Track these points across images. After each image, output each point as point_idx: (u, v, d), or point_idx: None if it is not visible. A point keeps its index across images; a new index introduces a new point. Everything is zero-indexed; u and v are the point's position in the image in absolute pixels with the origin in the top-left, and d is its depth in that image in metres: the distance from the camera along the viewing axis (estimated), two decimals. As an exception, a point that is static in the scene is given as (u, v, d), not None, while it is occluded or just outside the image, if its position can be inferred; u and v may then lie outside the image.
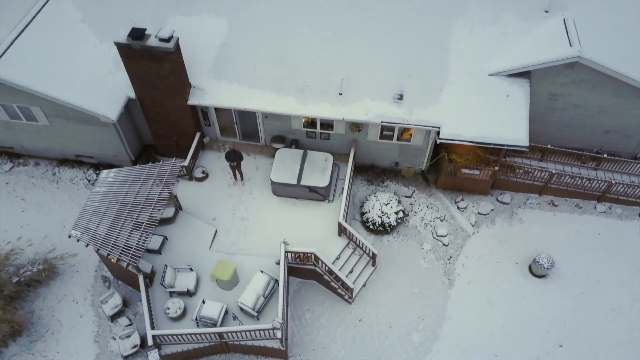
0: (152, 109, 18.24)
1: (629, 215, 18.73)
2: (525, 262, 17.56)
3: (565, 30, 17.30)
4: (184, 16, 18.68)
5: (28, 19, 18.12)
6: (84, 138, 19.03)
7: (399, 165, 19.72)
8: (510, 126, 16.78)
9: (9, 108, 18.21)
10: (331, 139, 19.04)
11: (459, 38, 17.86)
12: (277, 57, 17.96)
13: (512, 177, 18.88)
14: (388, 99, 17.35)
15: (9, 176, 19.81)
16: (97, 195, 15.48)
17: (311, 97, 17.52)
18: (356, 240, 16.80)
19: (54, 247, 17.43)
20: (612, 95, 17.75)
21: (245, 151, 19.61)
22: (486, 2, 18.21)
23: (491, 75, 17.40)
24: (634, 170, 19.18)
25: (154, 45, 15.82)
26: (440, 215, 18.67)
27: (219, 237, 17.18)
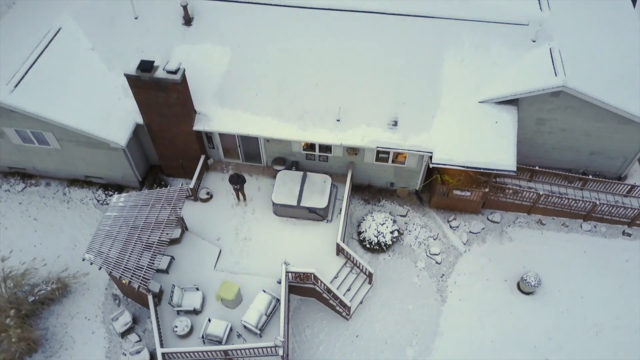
0: (159, 134, 19.19)
1: (613, 234, 19.68)
2: (514, 280, 18.50)
3: (551, 59, 18.29)
4: (190, 45, 19.60)
5: (41, 47, 19.06)
6: (93, 161, 19.95)
7: (394, 186, 20.67)
8: (499, 151, 17.72)
9: (22, 133, 19.13)
10: (329, 161, 19.99)
11: (450, 67, 18.81)
12: (277, 85, 18.91)
13: (502, 197, 19.83)
14: (383, 125, 18.29)
15: (21, 196, 20.73)
16: (108, 219, 16.41)
17: (310, 124, 18.46)
18: (353, 260, 17.73)
19: (66, 267, 18.36)
20: (596, 120, 18.71)
21: (248, 172, 20.54)
22: (476, 32, 19.16)
23: (481, 102, 18.35)
24: (617, 190, 20.13)
25: (162, 77, 16.77)
26: (434, 234, 19.61)
27: (223, 257, 18.11)
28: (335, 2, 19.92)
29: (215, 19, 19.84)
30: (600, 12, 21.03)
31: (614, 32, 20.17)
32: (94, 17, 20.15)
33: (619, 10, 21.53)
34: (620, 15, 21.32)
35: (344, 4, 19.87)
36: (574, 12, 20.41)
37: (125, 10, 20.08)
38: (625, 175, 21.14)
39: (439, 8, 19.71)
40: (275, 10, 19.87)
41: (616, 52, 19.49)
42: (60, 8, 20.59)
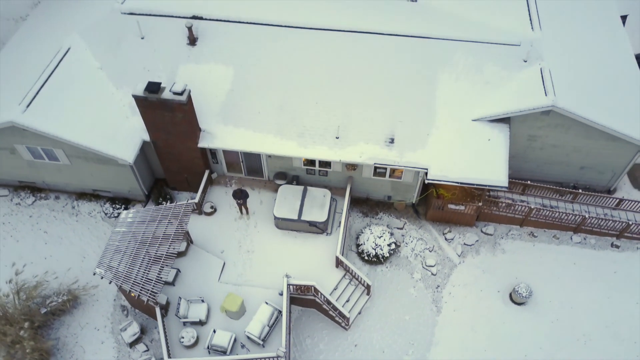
0: (165, 150, 19.94)
1: (601, 246, 20.44)
2: (506, 291, 19.25)
3: (542, 79, 19.05)
4: (194, 64, 20.34)
5: (52, 67, 19.77)
6: (101, 175, 20.68)
7: (392, 199, 21.43)
8: (492, 167, 18.48)
9: (33, 150, 19.87)
10: (329, 176, 20.74)
11: (445, 86, 19.56)
12: (279, 104, 19.66)
13: (495, 211, 20.58)
14: (380, 142, 19.05)
15: (32, 209, 21.47)
16: (117, 234, 17.15)
17: (310, 141, 19.22)
18: (352, 272, 18.48)
19: (76, 279, 19.09)
20: (585, 137, 19.47)
21: (250, 186, 21.30)
22: (470, 52, 19.90)
23: (474, 120, 19.11)
24: (606, 204, 20.89)
25: (168, 98, 17.54)
26: (429, 246, 20.36)
27: (227, 269, 18.86)
28: (334, 23, 20.65)
29: (219, 40, 20.58)
30: (590, 31, 21.87)
31: (603, 51, 20.99)
32: (101, 37, 20.86)
33: (609, 29, 22.39)
34: (610, 34, 22.16)
35: (342, 25, 20.60)
36: (565, 31, 21.21)
37: (131, 30, 20.79)
38: (615, 188, 21.91)
39: (434, 29, 20.46)
40: (276, 31, 20.61)
41: (605, 71, 20.30)
42: (69, 27, 21.33)
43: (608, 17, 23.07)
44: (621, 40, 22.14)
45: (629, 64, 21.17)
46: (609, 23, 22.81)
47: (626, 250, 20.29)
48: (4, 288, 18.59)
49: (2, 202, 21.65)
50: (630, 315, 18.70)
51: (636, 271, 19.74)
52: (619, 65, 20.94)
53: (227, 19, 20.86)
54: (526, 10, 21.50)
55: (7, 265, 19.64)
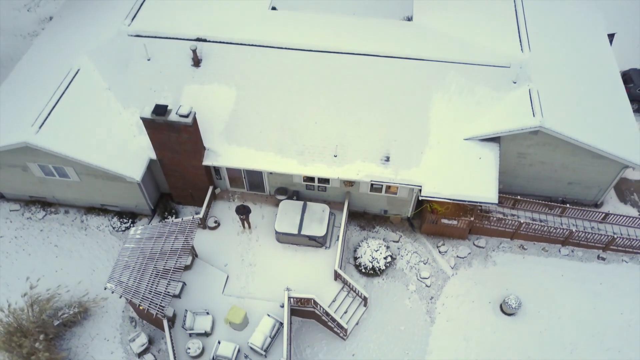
0: (171, 168, 20.84)
1: (588, 258, 21.37)
2: (497, 302, 20.16)
3: (530, 100, 19.98)
4: (198, 85, 21.26)
5: (62, 89, 20.68)
6: (109, 191, 21.58)
7: (388, 213, 22.35)
8: (482, 185, 19.40)
9: (45, 167, 20.77)
10: (327, 191, 21.65)
11: (438, 106, 20.49)
12: (280, 123, 20.58)
13: (487, 224, 21.49)
14: (376, 160, 19.97)
15: (42, 224, 22.36)
16: (127, 250, 18.05)
17: (310, 159, 20.14)
18: (350, 285, 19.39)
19: (87, 292, 20.00)
20: (572, 154, 20.41)
21: (252, 201, 22.21)
22: (462, 74, 20.82)
23: (466, 139, 20.04)
24: (593, 217, 21.82)
25: (175, 120, 18.45)
26: (424, 258, 21.28)
27: (230, 282, 19.75)
28: (334, 45, 21.60)
29: (222, 61, 21.49)
30: (577, 51, 22.81)
31: (590, 71, 21.95)
32: (109, 58, 21.77)
33: (596, 49, 23.33)
34: (597, 54, 23.11)
35: (341, 47, 21.53)
36: (553, 51, 22.14)
37: (138, 52, 21.71)
38: (602, 202, 22.85)
39: (428, 51, 21.41)
40: (277, 53, 21.53)
41: (591, 90, 21.26)
42: (77, 49, 22.22)
43: (595, 36, 24.02)
44: (607, 59, 23.08)
45: (615, 83, 22.12)
46: (596, 42, 23.76)
47: (612, 263, 21.22)
48: (19, 301, 19.49)
49: (14, 216, 22.54)
50: (615, 324, 19.62)
51: (621, 283, 20.66)
52: (605, 85, 21.88)
53: (230, 41, 21.81)
54: (516, 30, 22.47)
55: (21, 279, 20.56)
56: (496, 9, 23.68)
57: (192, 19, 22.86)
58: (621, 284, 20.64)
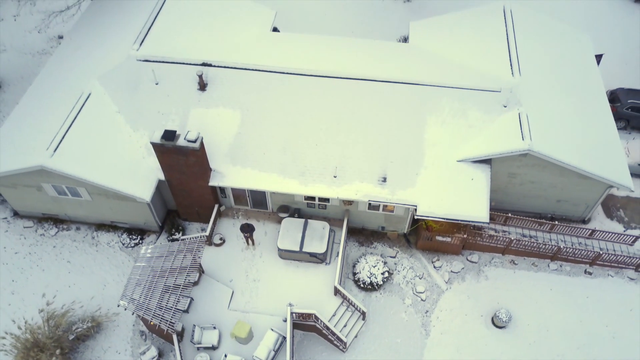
0: (179, 188, 21.89)
1: (576, 272, 22.44)
2: (488, 315, 21.22)
3: (520, 123, 21.05)
4: (204, 108, 22.30)
5: (75, 112, 21.67)
6: (119, 209, 22.60)
7: (385, 229, 23.40)
8: (474, 204, 20.47)
9: (58, 188, 21.79)
10: (327, 209, 22.71)
11: (432, 129, 21.56)
12: (282, 145, 21.63)
13: (479, 240, 22.55)
14: (374, 181, 21.04)
15: (55, 240, 23.38)
16: (138, 269, 19.10)
17: (310, 179, 21.20)
18: (349, 300, 20.43)
19: (99, 307, 21.03)
20: (559, 175, 21.47)
21: (255, 218, 23.25)
22: (455, 98, 21.88)
23: (459, 161, 21.10)
24: (580, 233, 22.89)
25: (183, 145, 19.50)
26: (419, 273, 22.33)
27: (235, 297, 20.79)
28: (333, 70, 22.63)
29: (227, 85, 22.53)
30: (566, 73, 23.92)
31: (577, 93, 23.04)
32: (119, 82, 22.76)
33: (584, 71, 24.43)
34: (585, 76, 24.20)
35: (341, 72, 22.56)
36: (543, 75, 23.21)
37: (147, 76, 22.74)
38: (589, 218, 23.93)
39: (423, 76, 22.46)
40: (279, 77, 22.57)
41: (578, 113, 22.35)
42: (88, 73, 23.23)
43: (583, 58, 25.11)
44: (595, 81, 24.16)
45: (602, 105, 23.21)
46: (584, 64, 24.84)
47: (598, 277, 22.29)
48: (34, 316, 20.51)
49: (27, 232, 23.57)
50: (600, 337, 20.69)
51: (606, 296, 21.74)
52: (592, 107, 22.97)
53: (234, 66, 22.85)
54: (507, 53, 23.50)
55: (35, 293, 21.58)
56: (488, 30, 24.77)
57: (198, 43, 23.93)
58: (607, 298, 21.70)
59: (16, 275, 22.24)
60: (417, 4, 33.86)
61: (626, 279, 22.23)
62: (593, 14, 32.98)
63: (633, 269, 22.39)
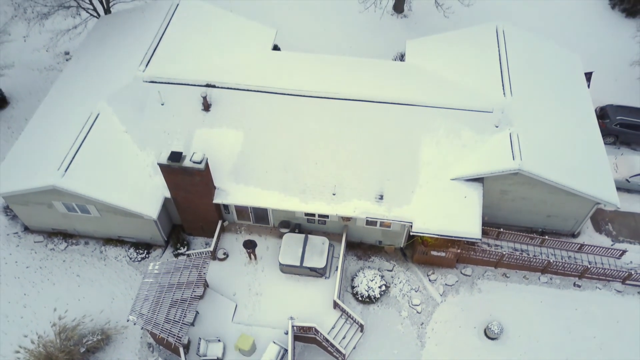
0: (184, 205, 22.80)
1: (565, 285, 23.37)
2: (481, 327, 22.14)
3: (510, 143, 21.98)
4: (208, 128, 23.21)
5: (84, 133, 22.59)
6: (127, 225, 23.49)
7: (382, 243, 24.33)
8: (467, 221, 21.40)
9: (68, 205, 22.69)
10: (327, 224, 23.63)
11: (427, 149, 22.48)
12: (283, 164, 22.55)
13: (473, 255, 23.48)
14: (371, 198, 21.96)
15: (65, 254, 24.28)
16: (146, 285, 20.00)
17: (311, 197, 22.12)
18: (348, 313, 21.35)
19: (108, 320, 21.93)
20: (549, 192, 22.40)
21: (257, 232, 24.17)
22: (449, 118, 22.82)
23: (453, 179, 22.03)
24: (570, 247, 23.83)
25: (189, 166, 20.41)
26: (415, 286, 23.25)
27: (239, 311, 21.71)
28: (333, 91, 23.54)
29: (231, 106, 23.44)
30: (556, 93, 24.84)
31: (566, 112, 23.95)
32: (126, 103, 23.68)
33: (573, 90, 25.36)
34: (574, 95, 25.13)
35: (340, 93, 23.47)
36: (533, 95, 24.10)
37: (153, 97, 23.65)
38: (579, 232, 24.86)
39: (419, 96, 23.38)
40: (281, 99, 23.49)
41: (567, 132, 23.28)
42: (95, 93, 24.13)
43: (573, 77, 26.04)
44: (584, 100, 25.08)
45: (590, 124, 24.14)
46: (574, 83, 25.76)
47: (586, 290, 23.22)
48: (47, 329, 21.40)
49: (38, 247, 24.46)
50: (588, 348, 21.62)
51: (594, 308, 22.67)
52: (581, 126, 23.89)
53: (237, 87, 23.78)
54: (499, 72, 24.43)
55: (47, 307, 22.48)
56: (482, 50, 25.69)
57: (202, 64, 24.84)
58: (594, 310, 22.63)
59: (28, 289, 23.15)
60: (414, 19, 34.79)
61: (613, 292, 23.16)
62: (585, 30, 33.95)
63: (620, 281, 23.32)
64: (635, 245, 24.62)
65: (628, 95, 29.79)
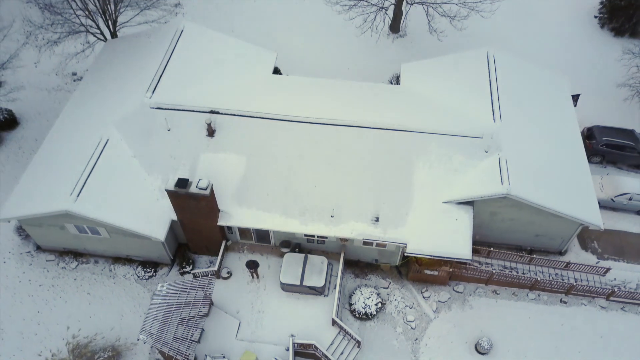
0: (190, 226, 23.99)
1: (552, 301, 24.57)
2: (472, 342, 23.34)
3: (499, 168, 23.18)
4: (213, 153, 24.39)
5: (95, 158, 23.73)
6: (135, 245, 24.66)
7: (378, 262, 25.52)
8: (458, 243, 22.60)
9: (80, 227, 23.86)
10: (326, 244, 24.81)
11: (420, 173, 23.68)
12: (284, 187, 23.74)
13: (464, 272, 24.67)
14: (367, 220, 23.16)
15: (76, 273, 25.45)
16: (155, 305, 21.18)
17: (310, 219, 23.31)
18: (345, 330, 22.54)
19: (119, 337, 23.10)
20: (536, 214, 23.59)
21: (259, 252, 25.35)
22: (441, 144, 24.01)
23: (445, 202, 23.23)
24: (557, 265, 25.03)
25: (195, 192, 21.59)
26: (410, 303, 24.44)
27: (242, 328, 22.89)
28: (332, 117, 24.71)
29: (234, 132, 24.63)
30: (543, 116, 26.06)
31: (554, 137, 25.17)
32: (134, 129, 24.83)
33: (560, 115, 26.55)
34: (561, 120, 26.32)
35: (338, 119, 24.66)
36: (522, 120, 25.29)
37: (159, 123, 24.84)
38: (566, 250, 26.07)
39: (412, 122, 24.58)
40: (281, 124, 24.69)
41: (554, 156, 24.48)
42: (103, 119, 25.25)
43: (560, 101, 27.28)
44: (570, 124, 26.31)
45: (576, 148, 25.37)
46: (561, 107, 27.00)
47: (572, 306, 24.42)
48: (60, 346, 22.55)
49: (50, 266, 25.63)
50: (573, 362, 22.90)
51: (580, 324, 23.87)
52: (567, 150, 25.10)
53: (240, 113, 24.98)
54: (489, 98, 25.62)
55: (59, 324, 23.65)
56: (473, 75, 26.90)
57: (206, 90, 26.04)
58: (580, 325, 23.83)
59: (41, 306, 24.31)
60: (409, 38, 36.00)
61: (598, 308, 24.36)
62: (575, 50, 35.16)
63: (604, 298, 24.53)
64: (620, 262, 25.84)
65: (614, 116, 31.00)
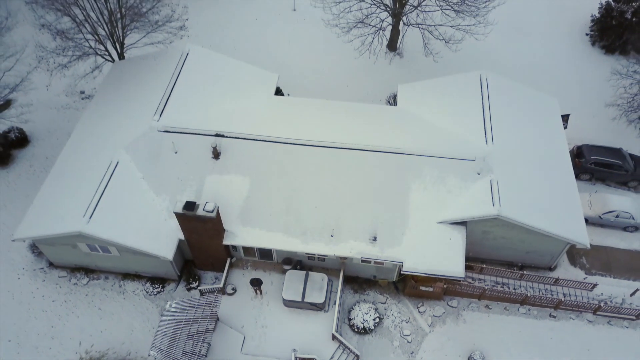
0: (197, 246, 25.18)
1: (542, 316, 25.77)
2: (465, 355, 24.52)
3: (491, 190, 24.38)
4: (218, 175, 25.57)
5: (106, 180, 24.91)
6: (143, 263, 25.83)
7: (376, 277, 26.71)
8: (452, 261, 23.78)
9: (91, 246, 25.04)
10: (326, 261, 25.99)
11: (416, 194, 24.87)
12: (286, 208, 24.93)
13: (458, 288, 25.86)
14: (365, 240, 24.35)
15: (87, 289, 26.63)
16: (164, 322, 22.38)
17: (311, 238, 24.50)
18: (345, 344, 23.72)
19: (129, 352, 24.29)
20: (526, 233, 24.78)
21: (262, 268, 26.54)
22: (435, 166, 25.21)
23: (439, 223, 24.42)
24: (546, 281, 26.23)
25: (202, 215, 22.78)
26: (406, 318, 25.63)
27: (247, 343, 24.07)
28: (330, 140, 25.93)
29: (238, 154, 25.81)
30: (534, 140, 27.20)
31: (544, 159, 26.33)
32: (142, 151, 26.03)
33: (550, 136, 27.74)
34: (551, 141, 27.50)
35: (337, 142, 25.87)
36: (513, 142, 26.47)
37: (167, 145, 26.03)
38: (555, 265, 27.27)
39: (408, 144, 25.77)
40: (283, 147, 25.89)
41: (544, 177, 25.67)
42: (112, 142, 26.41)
43: (550, 122, 28.47)
44: (559, 145, 27.49)
45: (564, 168, 26.54)
46: (550, 128, 28.19)
47: (561, 320, 25.62)
48: (74, 361, 23.80)
49: (62, 282, 26.81)
50: (561, 374, 24.08)
51: (568, 337, 25.06)
52: (556, 171, 26.28)
53: (244, 136, 26.17)
54: (482, 121, 26.83)
55: (73, 338, 24.83)
56: (467, 97, 28.16)
57: (211, 113, 27.24)
58: (568, 339, 25.03)
59: (54, 321, 25.48)
60: (406, 57, 37.18)
61: (585, 321, 25.56)
62: (566, 68, 36.36)
63: (591, 312, 25.72)
64: (607, 277, 27.04)
65: (603, 135, 32.17)
